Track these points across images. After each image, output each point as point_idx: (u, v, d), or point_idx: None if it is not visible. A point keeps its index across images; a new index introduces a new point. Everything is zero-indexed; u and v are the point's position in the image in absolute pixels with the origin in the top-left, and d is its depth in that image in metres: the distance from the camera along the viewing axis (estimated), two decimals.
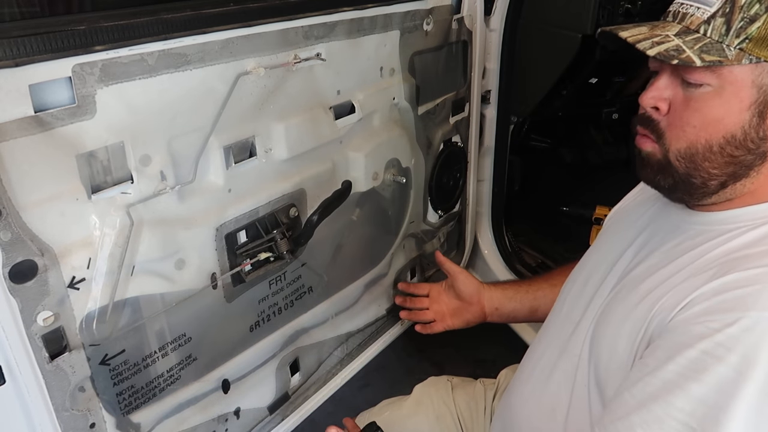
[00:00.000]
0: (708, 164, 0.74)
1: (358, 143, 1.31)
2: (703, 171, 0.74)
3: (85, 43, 0.80)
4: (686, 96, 0.74)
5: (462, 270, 1.36)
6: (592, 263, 0.96)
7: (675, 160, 0.75)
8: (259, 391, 1.25)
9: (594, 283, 0.92)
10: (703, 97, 0.72)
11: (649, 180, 0.81)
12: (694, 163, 0.74)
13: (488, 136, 1.80)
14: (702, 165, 0.74)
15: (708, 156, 0.73)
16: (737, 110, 0.71)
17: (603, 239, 1.00)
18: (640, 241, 0.88)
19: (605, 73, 2.01)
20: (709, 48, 0.70)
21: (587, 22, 1.66)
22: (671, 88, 0.75)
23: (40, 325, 0.83)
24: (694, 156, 0.74)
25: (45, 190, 0.81)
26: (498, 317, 1.33)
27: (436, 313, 1.38)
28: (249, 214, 1.11)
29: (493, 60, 1.70)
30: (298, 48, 1.10)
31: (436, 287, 1.42)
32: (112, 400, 0.97)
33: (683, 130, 0.74)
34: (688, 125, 0.73)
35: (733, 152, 0.73)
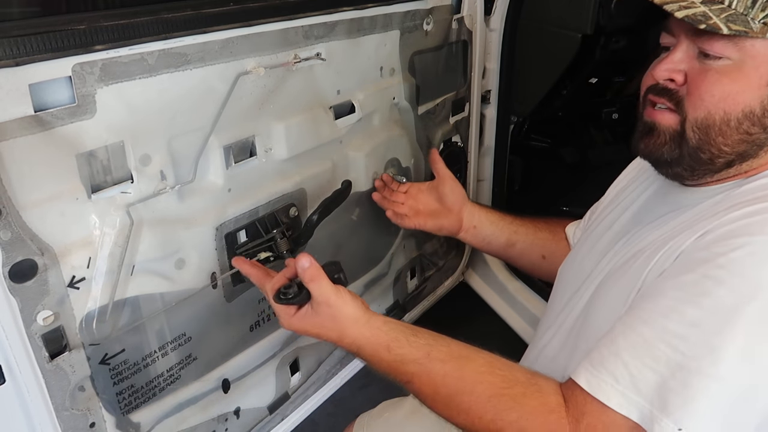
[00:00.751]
0: (721, 139, 0.73)
1: (358, 143, 1.31)
2: (713, 146, 0.73)
3: (85, 43, 0.80)
4: (704, 68, 0.73)
5: (452, 176, 1.29)
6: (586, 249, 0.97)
7: (690, 129, 0.74)
8: (259, 390, 1.25)
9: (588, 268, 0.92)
10: (722, 70, 0.71)
11: (651, 151, 0.79)
12: (708, 136, 0.73)
13: (488, 136, 1.80)
14: (715, 140, 0.73)
15: (723, 130, 0.72)
16: (756, 85, 0.70)
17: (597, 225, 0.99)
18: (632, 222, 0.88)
19: (605, 73, 2.01)
20: (735, 18, 0.69)
21: (587, 22, 1.67)
22: (686, 61, 0.74)
23: (40, 325, 0.83)
24: (710, 128, 0.73)
25: (45, 189, 0.81)
26: (472, 236, 1.28)
27: (410, 209, 1.30)
28: (249, 213, 1.11)
29: (493, 60, 1.70)
30: (298, 48, 1.10)
31: (416, 186, 1.34)
32: (111, 399, 0.97)
33: (702, 99, 0.73)
34: (708, 94, 0.72)
35: (749, 129, 0.72)
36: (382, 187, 1.35)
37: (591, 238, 0.98)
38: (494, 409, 0.75)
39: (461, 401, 0.77)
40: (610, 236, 0.93)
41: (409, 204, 1.30)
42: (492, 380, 0.77)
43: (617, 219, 0.94)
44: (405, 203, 1.30)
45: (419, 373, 0.81)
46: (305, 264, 0.83)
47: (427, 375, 0.80)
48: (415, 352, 0.82)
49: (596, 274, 0.90)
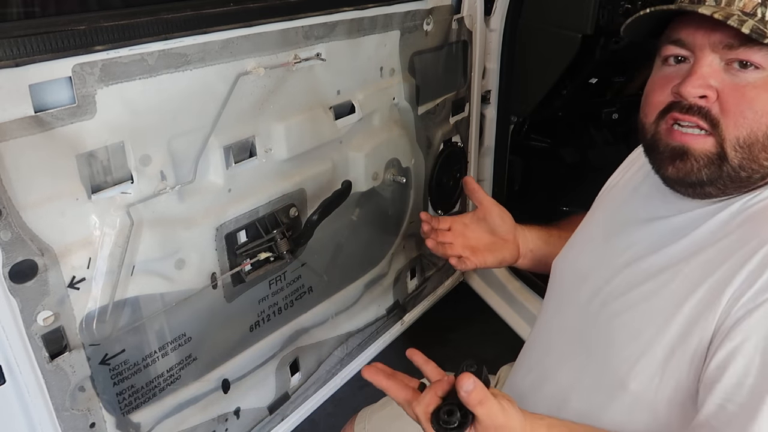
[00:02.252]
0: (764, 155, 0.70)
1: (358, 143, 1.31)
2: (755, 163, 0.71)
3: (85, 43, 0.80)
4: (737, 82, 0.70)
5: (496, 203, 1.19)
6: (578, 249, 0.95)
7: (732, 149, 0.70)
8: (259, 390, 1.25)
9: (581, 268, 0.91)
10: (759, 83, 0.69)
11: (686, 175, 0.74)
12: (752, 154, 0.70)
13: (488, 136, 1.80)
14: (758, 155, 0.70)
15: (767, 145, 0.70)
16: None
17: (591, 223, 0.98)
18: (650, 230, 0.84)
19: (605, 73, 2.01)
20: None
21: (587, 22, 1.66)
22: (715, 76, 0.71)
23: (40, 325, 0.83)
24: (753, 145, 0.70)
25: (45, 189, 0.81)
26: (530, 260, 1.20)
27: (464, 248, 1.16)
28: (249, 214, 1.11)
29: (493, 60, 1.70)
30: (298, 48, 1.10)
31: (458, 220, 1.19)
32: (112, 399, 0.97)
33: (743, 116, 0.69)
34: (750, 110, 0.69)
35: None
36: (429, 230, 1.19)
37: (587, 233, 0.97)
38: None
39: None
40: (601, 233, 0.91)
41: (459, 243, 1.17)
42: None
43: (611, 216, 0.93)
44: (455, 242, 1.17)
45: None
46: (470, 387, 0.70)
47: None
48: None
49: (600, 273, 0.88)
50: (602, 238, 0.91)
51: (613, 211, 0.95)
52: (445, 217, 1.19)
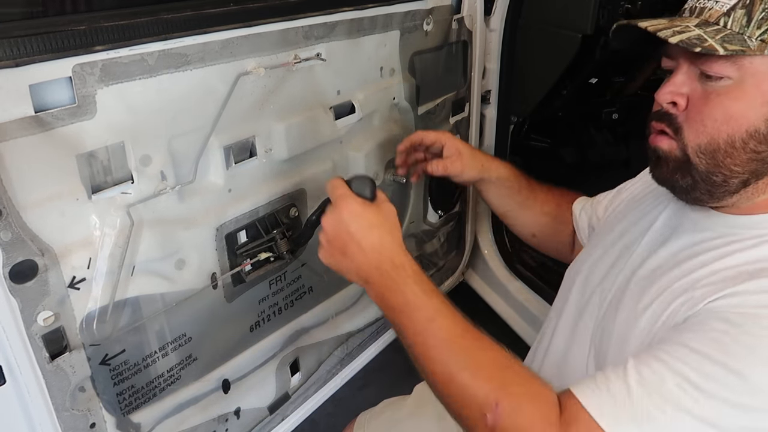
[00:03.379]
0: (730, 161, 0.72)
1: (358, 143, 1.31)
2: (724, 168, 0.72)
3: (85, 43, 0.80)
4: (705, 90, 0.72)
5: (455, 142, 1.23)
6: (599, 253, 0.95)
7: (695, 156, 0.73)
8: (259, 391, 1.25)
9: (599, 273, 0.91)
10: (723, 91, 0.71)
11: (666, 180, 0.79)
12: (716, 160, 0.72)
13: (488, 136, 1.80)
14: (724, 161, 0.72)
15: (730, 152, 0.71)
16: (759, 103, 0.69)
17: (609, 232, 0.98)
18: (652, 235, 0.86)
19: (605, 73, 2.01)
20: (731, 38, 0.69)
21: (587, 22, 1.66)
22: (688, 84, 0.74)
23: (41, 325, 0.83)
24: (716, 152, 0.72)
25: (45, 190, 0.81)
26: (485, 190, 1.26)
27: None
28: (249, 214, 1.11)
29: (493, 60, 1.70)
30: (298, 48, 1.10)
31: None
32: (112, 400, 0.97)
33: (703, 124, 0.72)
34: (709, 119, 0.71)
35: (756, 147, 0.71)
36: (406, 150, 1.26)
37: (601, 245, 0.96)
38: (501, 377, 0.73)
39: (468, 359, 0.75)
40: (624, 243, 0.91)
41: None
42: (504, 355, 0.76)
43: (634, 224, 0.93)
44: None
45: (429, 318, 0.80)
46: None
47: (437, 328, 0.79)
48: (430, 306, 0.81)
49: (608, 281, 0.89)
50: (618, 253, 0.91)
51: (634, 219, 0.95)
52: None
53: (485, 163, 1.21)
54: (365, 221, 0.85)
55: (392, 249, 0.84)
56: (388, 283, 0.82)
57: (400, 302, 0.81)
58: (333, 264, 0.88)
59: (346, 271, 0.87)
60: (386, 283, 0.82)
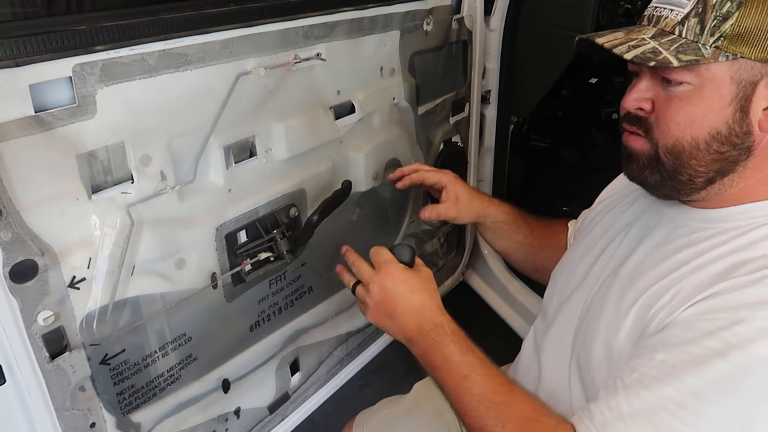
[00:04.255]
0: (695, 162, 0.74)
1: (358, 143, 1.31)
2: (689, 168, 0.75)
3: (85, 43, 0.80)
4: (668, 95, 0.75)
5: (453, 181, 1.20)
6: (579, 255, 0.97)
7: (664, 155, 0.76)
8: (259, 390, 1.25)
9: (580, 274, 0.93)
10: (684, 95, 0.73)
11: (636, 176, 0.82)
12: (681, 160, 0.75)
13: (488, 136, 1.80)
14: (689, 162, 0.75)
15: (694, 153, 0.74)
16: (719, 106, 0.72)
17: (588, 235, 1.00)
18: (631, 234, 0.88)
19: (605, 73, 2.01)
20: (685, 48, 0.71)
21: (587, 22, 1.67)
22: (652, 89, 0.76)
23: (41, 325, 0.83)
24: (681, 153, 0.75)
25: (45, 189, 0.81)
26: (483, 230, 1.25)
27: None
28: (249, 214, 1.11)
29: (493, 60, 1.70)
30: (298, 48, 1.10)
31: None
32: (112, 399, 0.97)
33: (668, 126, 0.75)
34: (673, 122, 0.74)
35: (719, 148, 0.73)
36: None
37: (584, 244, 0.98)
38: (527, 429, 0.77)
39: (498, 414, 0.79)
40: (602, 243, 0.93)
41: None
42: (532, 408, 0.79)
43: (611, 225, 0.95)
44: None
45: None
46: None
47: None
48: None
49: (590, 281, 0.90)
50: (599, 249, 0.93)
51: (611, 220, 0.96)
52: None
53: (481, 210, 1.21)
54: (407, 286, 0.91)
55: (432, 311, 0.90)
56: (429, 342, 0.87)
57: (439, 360, 0.85)
58: (380, 324, 0.94)
59: (392, 331, 0.93)
60: (427, 343, 0.87)
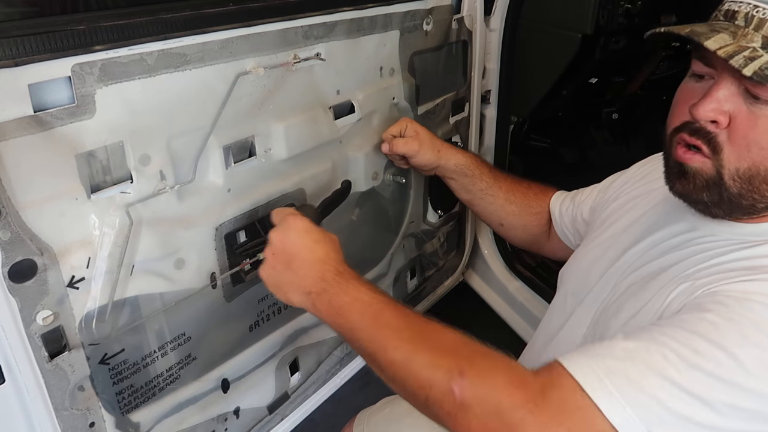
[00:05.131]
0: (765, 187, 0.69)
1: (358, 143, 1.31)
2: (758, 194, 0.70)
3: (84, 43, 0.80)
4: (752, 112, 0.67)
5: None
6: (591, 258, 0.95)
7: (730, 179, 0.70)
8: (258, 390, 1.25)
9: (593, 279, 0.91)
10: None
11: (691, 195, 0.75)
12: (752, 185, 0.69)
13: (488, 136, 1.80)
14: (759, 187, 0.69)
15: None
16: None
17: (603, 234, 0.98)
18: (647, 239, 0.86)
19: (605, 73, 2.01)
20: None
21: (587, 22, 1.67)
22: (731, 101, 0.69)
23: (40, 325, 0.83)
24: (754, 178, 0.69)
25: (44, 189, 0.81)
26: (445, 175, 1.29)
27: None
28: (248, 213, 1.11)
29: (493, 60, 1.70)
30: (297, 48, 1.10)
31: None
32: (111, 399, 0.97)
33: (748, 149, 0.68)
34: (756, 145, 0.67)
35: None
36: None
37: (598, 246, 0.96)
38: (463, 351, 0.71)
39: (425, 340, 0.73)
40: (618, 248, 0.91)
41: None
42: (461, 335, 0.75)
43: (627, 229, 0.92)
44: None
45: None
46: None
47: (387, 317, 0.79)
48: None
49: (605, 285, 0.88)
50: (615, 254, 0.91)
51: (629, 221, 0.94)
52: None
53: (442, 150, 1.24)
54: (311, 237, 0.89)
55: (336, 260, 0.87)
56: (335, 289, 0.83)
57: (346, 302, 0.81)
58: (274, 277, 0.90)
59: (288, 285, 0.88)
60: (333, 290, 0.83)
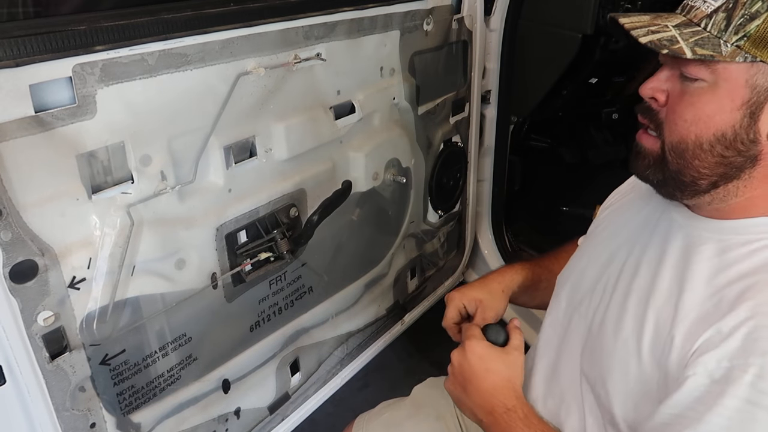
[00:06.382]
0: (698, 162, 0.73)
1: (358, 143, 1.31)
2: (692, 169, 0.73)
3: (85, 43, 0.80)
4: (682, 89, 0.73)
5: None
6: (585, 262, 0.95)
7: (668, 153, 0.75)
8: (259, 391, 1.25)
9: (588, 283, 0.91)
10: (697, 92, 0.71)
11: (640, 173, 0.80)
12: (684, 159, 0.73)
13: (488, 136, 1.80)
14: (692, 162, 0.73)
15: (697, 153, 0.72)
16: (729, 109, 0.70)
17: (596, 239, 0.99)
18: (641, 244, 0.86)
19: (605, 73, 2.01)
20: (705, 42, 0.69)
21: (587, 22, 1.66)
22: (671, 81, 0.74)
23: (41, 325, 0.83)
24: (684, 152, 0.73)
25: (45, 190, 0.81)
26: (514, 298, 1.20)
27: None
28: (249, 214, 1.11)
29: (493, 60, 1.70)
30: (298, 48, 1.10)
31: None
32: (112, 399, 0.97)
33: (675, 123, 0.73)
34: (681, 119, 0.72)
35: (723, 152, 0.71)
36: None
37: (589, 252, 0.96)
38: None
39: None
40: (610, 252, 0.91)
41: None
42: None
43: (618, 233, 0.92)
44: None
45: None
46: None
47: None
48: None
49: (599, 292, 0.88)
50: (608, 255, 0.91)
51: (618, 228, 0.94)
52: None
53: (503, 287, 1.15)
54: (483, 365, 0.89)
55: (505, 394, 0.87)
56: (500, 427, 0.86)
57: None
58: (454, 395, 0.93)
59: (464, 406, 0.92)
60: (499, 428, 0.86)
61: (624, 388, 0.77)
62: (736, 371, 0.65)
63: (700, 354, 0.68)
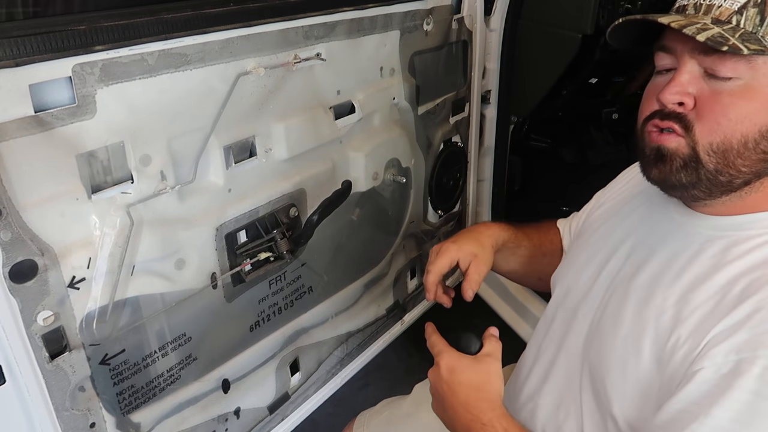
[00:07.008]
0: (740, 161, 0.71)
1: (358, 143, 1.31)
2: (733, 168, 0.71)
3: (85, 43, 0.80)
4: (714, 90, 0.71)
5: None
6: (582, 261, 0.95)
7: (705, 154, 0.72)
8: (259, 390, 1.25)
9: (585, 282, 0.91)
10: (736, 91, 0.69)
11: (669, 178, 0.76)
12: (726, 159, 0.71)
13: (488, 136, 1.80)
14: (734, 161, 0.71)
15: (742, 152, 0.70)
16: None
17: (591, 238, 0.98)
18: (639, 242, 0.86)
19: (605, 73, 2.01)
20: (748, 37, 0.67)
21: (587, 22, 1.66)
22: (694, 83, 0.72)
23: (40, 325, 0.83)
24: (727, 151, 0.71)
25: (45, 189, 0.81)
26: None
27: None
28: (249, 214, 1.11)
29: (493, 60, 1.70)
30: (298, 48, 1.10)
31: None
32: (112, 399, 0.97)
33: (717, 123, 0.70)
34: (724, 118, 0.70)
35: (766, 148, 0.70)
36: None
37: (587, 249, 0.96)
38: None
39: None
40: (607, 251, 0.90)
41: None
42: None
43: (614, 231, 0.92)
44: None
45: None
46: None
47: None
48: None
49: (598, 291, 0.88)
50: (604, 256, 0.91)
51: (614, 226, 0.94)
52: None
53: (492, 240, 1.15)
54: (455, 378, 0.85)
55: (479, 408, 0.82)
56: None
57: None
58: (440, 417, 0.89)
59: (445, 420, 0.88)
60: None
61: (622, 387, 0.77)
62: (744, 364, 0.64)
63: (708, 350, 0.68)
